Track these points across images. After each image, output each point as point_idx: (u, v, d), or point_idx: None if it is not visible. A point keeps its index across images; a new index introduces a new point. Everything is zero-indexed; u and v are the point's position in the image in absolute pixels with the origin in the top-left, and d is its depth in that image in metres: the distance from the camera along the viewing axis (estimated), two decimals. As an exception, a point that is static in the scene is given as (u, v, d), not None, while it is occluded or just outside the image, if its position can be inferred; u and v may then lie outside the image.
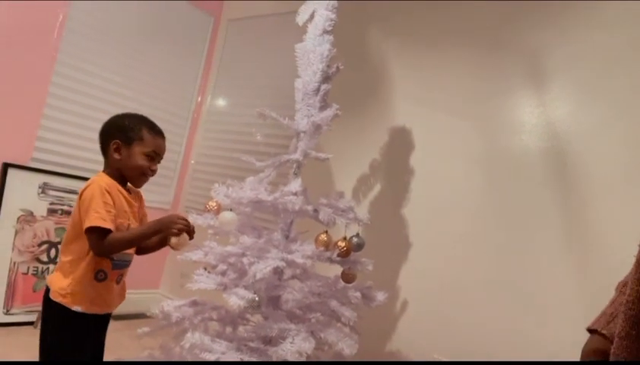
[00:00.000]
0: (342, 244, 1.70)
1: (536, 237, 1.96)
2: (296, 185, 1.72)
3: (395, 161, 2.52)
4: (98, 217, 1.32)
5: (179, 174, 3.51)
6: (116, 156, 1.44)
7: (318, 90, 1.83)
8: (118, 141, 1.44)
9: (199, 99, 3.57)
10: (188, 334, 1.48)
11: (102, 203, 1.34)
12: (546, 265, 1.91)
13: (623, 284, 0.77)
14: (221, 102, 3.50)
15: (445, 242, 2.23)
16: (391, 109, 2.60)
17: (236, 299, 1.48)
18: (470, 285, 2.11)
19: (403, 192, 2.47)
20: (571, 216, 1.88)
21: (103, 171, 1.46)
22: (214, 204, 1.83)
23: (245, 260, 1.60)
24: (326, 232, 1.69)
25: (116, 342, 1.94)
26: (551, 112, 2.05)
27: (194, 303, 1.85)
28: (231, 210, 1.70)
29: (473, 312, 2.05)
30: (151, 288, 3.33)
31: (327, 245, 1.67)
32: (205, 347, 1.46)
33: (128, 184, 1.49)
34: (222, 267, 1.77)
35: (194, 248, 1.79)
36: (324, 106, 1.83)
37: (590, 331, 0.79)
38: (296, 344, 1.43)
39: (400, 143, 2.52)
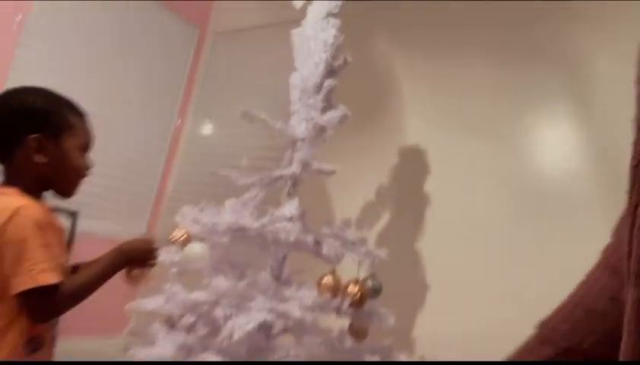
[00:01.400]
0: (354, 289, 1.23)
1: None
2: (291, 207, 1.27)
3: (407, 187, 2.11)
4: (42, 272, 0.87)
5: (153, 202, 3.04)
6: (40, 158, 0.97)
7: (320, 86, 1.42)
8: (39, 134, 0.97)
9: (179, 121, 3.15)
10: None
11: (42, 247, 0.88)
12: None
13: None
14: (204, 124, 3.08)
15: (468, 284, 1.78)
16: (401, 126, 2.21)
17: (202, 373, 1.00)
18: (504, 338, 1.64)
19: (417, 224, 2.05)
20: None
21: (8, 184, 0.98)
22: (181, 233, 1.37)
23: (219, 311, 1.12)
24: (333, 272, 1.23)
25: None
26: (597, 127, 1.66)
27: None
28: (202, 241, 1.24)
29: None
30: (111, 334, 2.76)
31: (335, 291, 1.20)
32: None
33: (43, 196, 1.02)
34: (188, 319, 1.29)
35: (151, 291, 1.32)
36: (327, 108, 1.41)
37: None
38: None
39: (413, 165, 2.12)
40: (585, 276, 0.66)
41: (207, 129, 3.09)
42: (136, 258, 1.03)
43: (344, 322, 1.42)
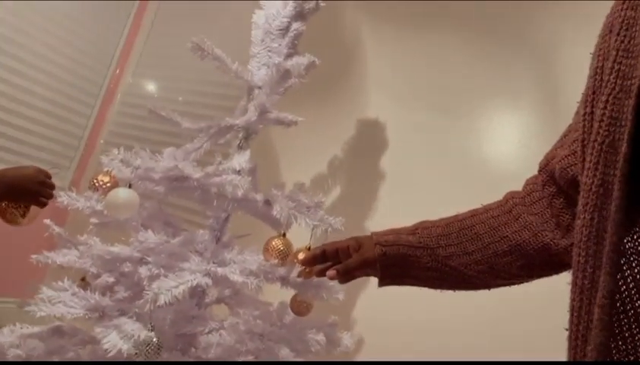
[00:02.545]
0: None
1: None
2: (241, 159, 1.10)
3: (362, 161, 2.00)
4: None
5: (81, 154, 2.73)
6: None
7: (286, 29, 1.24)
8: None
9: (117, 71, 2.83)
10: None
11: None
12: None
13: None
14: (147, 78, 2.78)
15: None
16: (362, 98, 2.09)
17: (114, 339, 0.81)
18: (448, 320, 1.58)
19: (369, 200, 1.95)
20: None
21: None
22: (107, 179, 1.16)
23: (143, 270, 0.94)
24: (283, 235, 1.08)
25: None
26: (560, 113, 1.62)
27: (55, 332, 1.14)
28: (130, 186, 1.04)
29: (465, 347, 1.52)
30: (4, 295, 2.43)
31: (284, 257, 1.05)
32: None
33: None
34: (107, 279, 1.09)
35: (64, 245, 1.11)
36: (292, 55, 1.24)
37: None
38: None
39: (370, 140, 2.01)
40: (482, 208, 0.67)
41: (150, 83, 2.79)
42: (21, 191, 0.85)
43: (283, 295, 1.28)
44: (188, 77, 2.57)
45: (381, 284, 0.68)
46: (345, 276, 0.67)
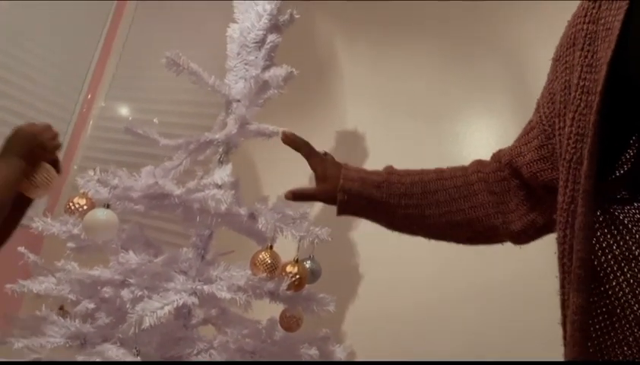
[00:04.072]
0: (293, 270, 1.06)
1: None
2: (223, 173, 1.07)
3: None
4: None
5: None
6: None
7: (262, 42, 1.24)
8: None
9: (89, 96, 2.77)
10: None
11: None
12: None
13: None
14: (120, 101, 2.72)
15: (401, 273, 1.69)
16: (339, 109, 2.09)
17: (98, 367, 0.77)
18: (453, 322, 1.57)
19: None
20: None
21: None
22: (83, 201, 1.12)
23: (125, 293, 0.90)
24: (270, 248, 1.05)
25: None
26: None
27: (34, 368, 1.07)
28: (108, 206, 1.00)
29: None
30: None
31: (272, 271, 1.02)
32: None
33: None
34: (87, 305, 1.04)
35: (40, 273, 1.06)
36: (269, 66, 1.23)
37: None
38: None
39: (351, 150, 2.01)
40: (448, 172, 0.70)
41: (123, 106, 2.74)
42: (38, 145, 0.82)
43: (272, 311, 1.24)
44: (163, 98, 2.53)
45: (339, 215, 0.72)
46: (298, 200, 0.74)
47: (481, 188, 0.65)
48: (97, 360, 0.81)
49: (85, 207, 1.13)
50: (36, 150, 0.83)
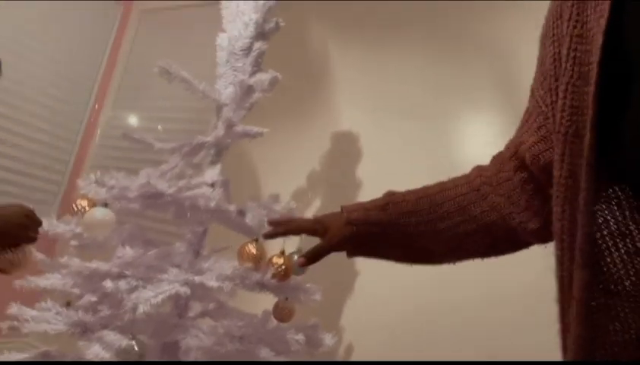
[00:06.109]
0: (279, 261, 1.13)
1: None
2: (213, 173, 1.15)
3: (339, 173, 2.05)
4: None
5: (65, 189, 2.75)
6: None
7: (249, 49, 1.32)
8: None
9: (96, 106, 2.88)
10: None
11: None
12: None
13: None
14: (127, 110, 2.81)
15: (394, 269, 1.74)
16: (333, 111, 2.15)
17: (97, 350, 0.85)
18: (439, 316, 1.61)
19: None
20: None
21: None
22: (85, 202, 1.20)
23: (122, 284, 0.98)
24: (256, 240, 1.13)
25: None
26: (521, 112, 1.70)
27: (44, 357, 1.16)
28: (106, 205, 1.09)
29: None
30: None
31: (258, 261, 1.10)
32: None
33: None
34: (89, 299, 1.13)
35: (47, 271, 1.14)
36: (256, 72, 1.31)
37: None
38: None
39: (345, 150, 2.07)
40: (451, 183, 0.67)
41: (131, 114, 2.83)
42: (7, 233, 0.83)
43: (269, 303, 1.31)
44: (168, 105, 2.63)
45: (350, 256, 0.68)
46: (314, 262, 0.66)
47: (487, 192, 0.63)
48: (96, 344, 0.89)
49: (86, 207, 1.21)
50: (14, 233, 0.84)
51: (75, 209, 1.22)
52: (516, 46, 1.76)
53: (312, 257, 0.65)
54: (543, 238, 0.59)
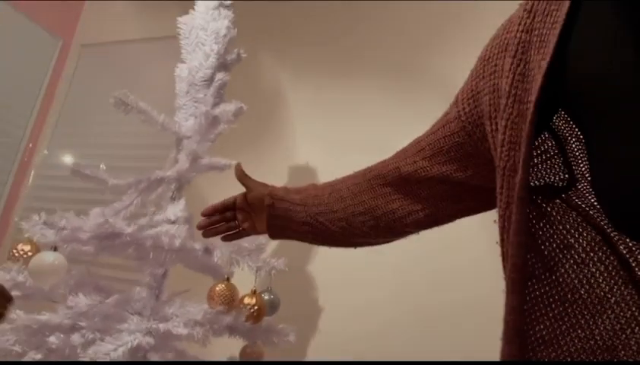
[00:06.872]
0: (251, 301, 1.06)
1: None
2: (176, 209, 1.07)
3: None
4: None
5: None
6: None
7: (210, 80, 1.27)
8: None
9: (30, 144, 2.67)
10: None
11: None
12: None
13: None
14: (64, 148, 2.63)
15: (367, 295, 1.70)
16: (289, 145, 2.13)
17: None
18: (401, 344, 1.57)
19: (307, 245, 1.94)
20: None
21: None
22: (27, 247, 1.07)
23: (75, 337, 0.86)
24: (227, 280, 1.05)
25: None
26: None
27: None
28: (55, 249, 0.97)
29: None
30: None
31: (230, 303, 1.01)
32: None
33: None
34: (33, 356, 0.98)
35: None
36: (219, 103, 1.26)
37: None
38: None
39: (302, 184, 2.03)
40: (352, 175, 0.78)
41: (67, 153, 2.65)
42: None
43: (232, 349, 1.22)
44: (110, 142, 2.49)
45: (270, 233, 0.77)
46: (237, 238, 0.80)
47: (377, 183, 0.73)
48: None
49: (30, 253, 1.08)
50: None
51: (16, 255, 1.08)
52: (467, 76, 1.84)
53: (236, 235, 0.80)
54: (423, 226, 0.71)
